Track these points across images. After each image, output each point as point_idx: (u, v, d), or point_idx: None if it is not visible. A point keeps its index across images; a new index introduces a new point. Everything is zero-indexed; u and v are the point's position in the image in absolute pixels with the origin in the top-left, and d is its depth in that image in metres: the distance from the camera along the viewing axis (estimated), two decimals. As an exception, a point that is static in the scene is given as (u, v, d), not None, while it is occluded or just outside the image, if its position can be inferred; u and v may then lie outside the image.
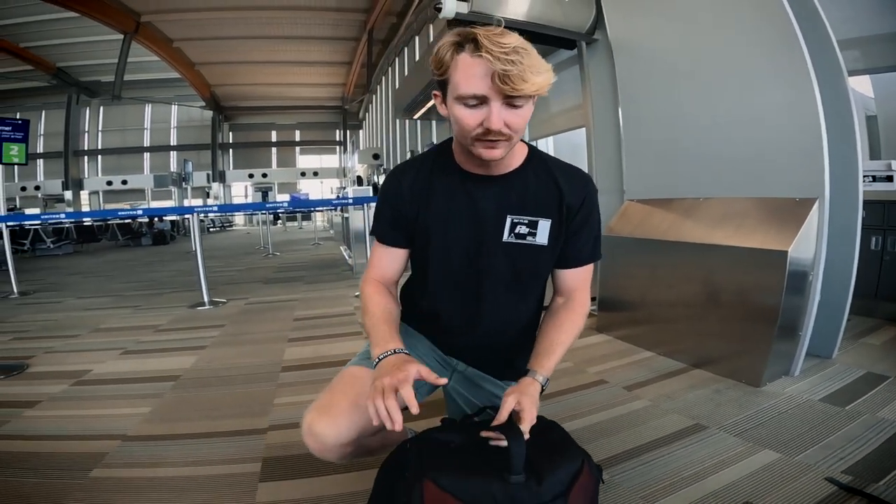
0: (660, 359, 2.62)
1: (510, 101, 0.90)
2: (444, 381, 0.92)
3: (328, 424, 1.05)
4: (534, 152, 1.15)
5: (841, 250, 2.31)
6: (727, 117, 2.55)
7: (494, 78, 0.86)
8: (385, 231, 1.19)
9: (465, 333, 1.22)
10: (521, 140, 1.12)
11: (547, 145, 8.18)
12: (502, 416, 0.94)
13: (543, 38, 4.09)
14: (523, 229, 1.09)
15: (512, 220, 1.09)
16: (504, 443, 0.87)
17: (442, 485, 0.85)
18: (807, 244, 2.12)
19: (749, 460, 1.57)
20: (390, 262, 1.21)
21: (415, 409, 0.83)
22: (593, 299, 3.49)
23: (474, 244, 1.12)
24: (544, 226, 1.10)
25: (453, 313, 1.20)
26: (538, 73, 0.88)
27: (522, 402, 0.95)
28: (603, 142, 3.83)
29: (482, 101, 0.91)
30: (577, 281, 1.18)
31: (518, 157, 1.11)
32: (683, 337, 2.57)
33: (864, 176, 2.33)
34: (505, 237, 1.10)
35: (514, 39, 0.88)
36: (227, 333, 3.57)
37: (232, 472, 1.64)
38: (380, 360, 0.97)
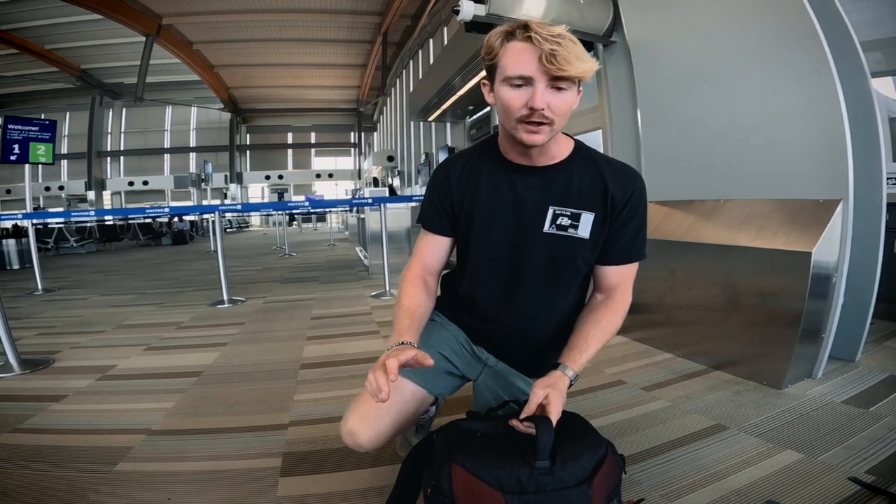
0: (678, 360, 2.61)
1: (555, 83, 0.95)
2: (431, 362, 0.95)
3: (368, 429, 1.10)
4: (580, 146, 1.16)
5: (864, 253, 2.28)
6: (748, 119, 2.53)
7: (542, 58, 0.92)
8: (431, 218, 1.22)
9: (500, 321, 1.22)
10: (568, 135, 1.15)
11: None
12: (531, 407, 0.96)
13: (560, 39, 4.09)
14: (565, 221, 1.10)
15: (554, 211, 1.10)
16: (532, 430, 0.89)
17: (470, 468, 0.87)
18: (830, 246, 2.10)
19: (771, 460, 1.56)
20: (434, 250, 1.23)
21: (392, 377, 0.87)
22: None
23: (515, 232, 1.13)
24: (587, 219, 1.10)
25: (490, 300, 1.21)
26: (583, 59, 0.93)
27: (550, 395, 0.97)
28: (620, 144, 3.81)
29: (528, 81, 0.95)
30: (620, 278, 1.17)
31: (563, 149, 1.13)
32: (703, 339, 2.55)
33: (888, 178, 2.30)
34: (546, 228, 1.11)
35: (561, 28, 0.95)
36: (247, 331, 3.62)
37: (254, 467, 1.67)
38: (389, 349, 1.01)
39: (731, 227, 2.48)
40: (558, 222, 1.10)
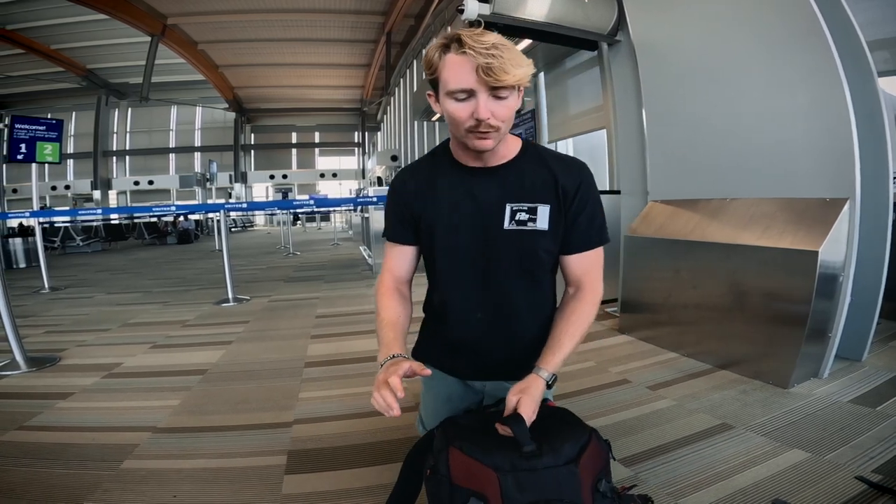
0: (683, 360, 2.60)
1: (495, 92, 0.99)
2: (428, 371, 1.00)
3: None
4: (527, 144, 1.21)
5: (871, 252, 2.27)
6: (754, 118, 2.52)
7: (479, 71, 0.95)
8: (395, 230, 1.25)
9: (478, 321, 1.23)
10: (515, 134, 1.20)
11: (567, 147, 8.14)
12: (507, 411, 1.01)
13: (564, 39, 4.08)
14: (523, 216, 1.14)
15: (511, 208, 1.14)
16: (510, 432, 0.94)
17: (466, 451, 0.93)
18: (837, 245, 2.09)
19: (777, 459, 1.56)
20: (402, 260, 1.27)
21: (400, 394, 0.92)
22: (614, 300, 3.48)
23: (478, 234, 1.16)
24: (543, 211, 1.14)
25: (464, 300, 1.22)
26: (518, 65, 0.97)
27: (522, 400, 1.00)
28: (625, 143, 3.81)
29: (470, 93, 0.99)
30: (585, 266, 1.19)
31: (512, 148, 1.17)
32: (708, 338, 2.54)
33: (895, 177, 2.30)
34: (506, 225, 1.14)
35: (494, 37, 0.98)
36: (252, 329, 3.63)
37: (259, 465, 1.68)
38: (382, 364, 1.05)
39: (736, 226, 2.47)
40: (517, 218, 1.14)
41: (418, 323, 1.35)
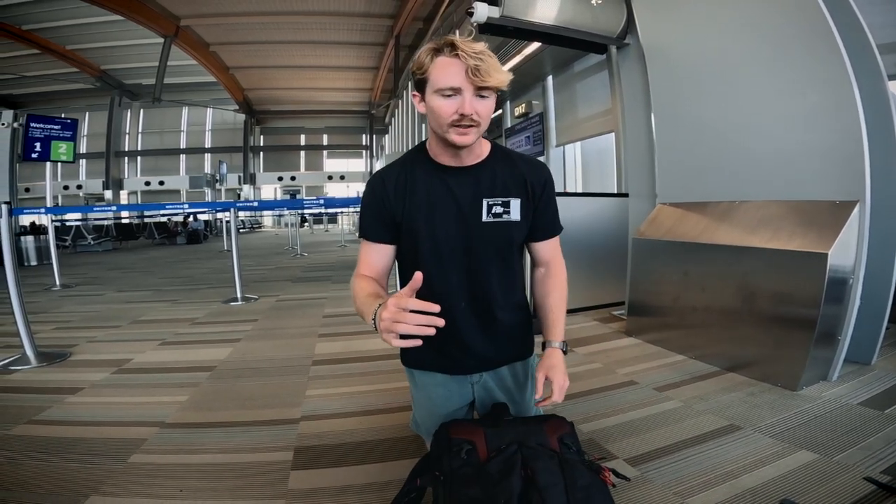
0: (691, 362, 2.59)
1: (479, 91, 1.10)
2: (419, 278, 0.98)
3: None
4: (496, 146, 1.33)
5: (880, 256, 2.26)
6: (763, 120, 2.52)
7: (468, 72, 1.07)
8: (373, 229, 1.30)
9: (459, 310, 1.30)
10: (485, 137, 1.29)
11: (574, 151, 8.14)
12: (539, 390, 1.23)
13: (573, 42, 4.08)
14: (499, 209, 1.26)
15: (488, 202, 1.25)
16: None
17: (460, 422, 1.22)
18: (847, 247, 2.07)
19: (786, 460, 1.56)
20: (379, 257, 1.31)
21: (435, 307, 0.94)
22: (621, 303, 3.47)
23: (458, 227, 1.25)
24: (515, 204, 1.27)
25: (449, 291, 1.29)
26: (500, 71, 1.10)
27: (550, 373, 1.21)
28: (634, 146, 3.80)
29: (456, 91, 1.10)
30: (551, 251, 1.38)
31: (485, 150, 1.29)
32: (716, 341, 2.53)
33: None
34: (484, 218, 1.25)
35: (482, 45, 1.10)
36: (260, 328, 3.65)
37: (265, 460, 1.69)
38: (374, 320, 1.06)
39: (745, 228, 2.46)
40: (493, 211, 1.26)
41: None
